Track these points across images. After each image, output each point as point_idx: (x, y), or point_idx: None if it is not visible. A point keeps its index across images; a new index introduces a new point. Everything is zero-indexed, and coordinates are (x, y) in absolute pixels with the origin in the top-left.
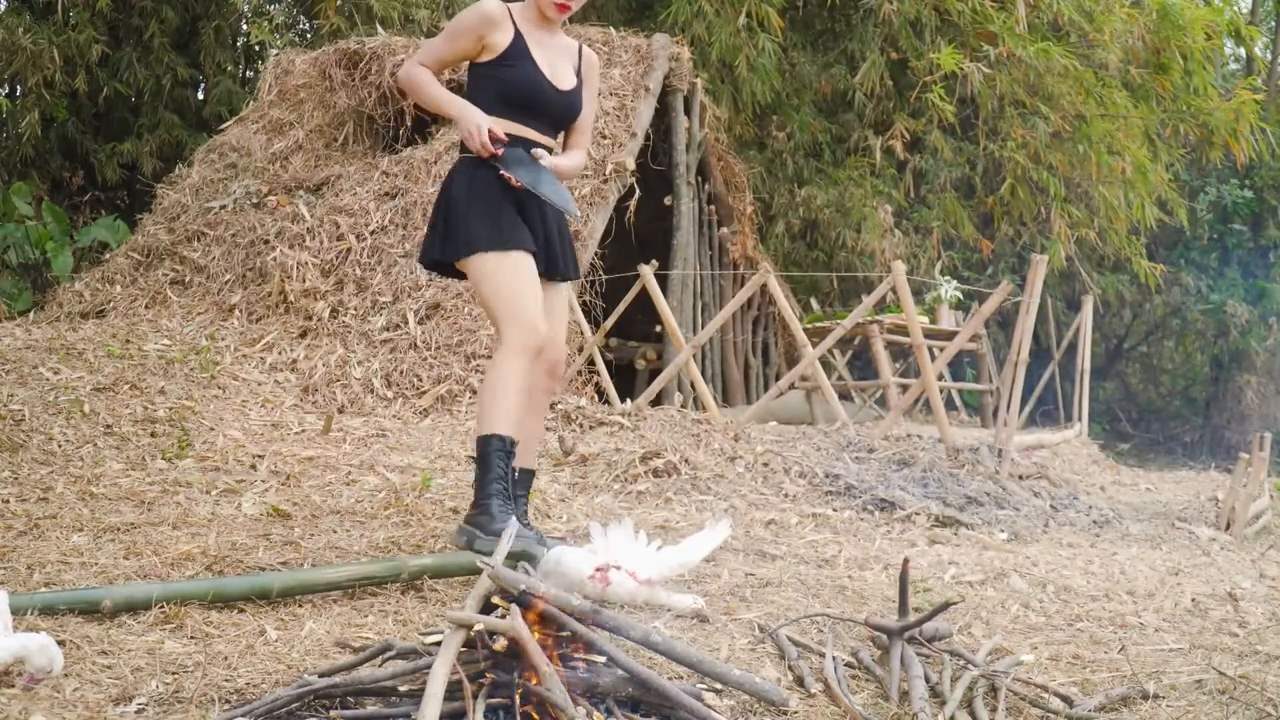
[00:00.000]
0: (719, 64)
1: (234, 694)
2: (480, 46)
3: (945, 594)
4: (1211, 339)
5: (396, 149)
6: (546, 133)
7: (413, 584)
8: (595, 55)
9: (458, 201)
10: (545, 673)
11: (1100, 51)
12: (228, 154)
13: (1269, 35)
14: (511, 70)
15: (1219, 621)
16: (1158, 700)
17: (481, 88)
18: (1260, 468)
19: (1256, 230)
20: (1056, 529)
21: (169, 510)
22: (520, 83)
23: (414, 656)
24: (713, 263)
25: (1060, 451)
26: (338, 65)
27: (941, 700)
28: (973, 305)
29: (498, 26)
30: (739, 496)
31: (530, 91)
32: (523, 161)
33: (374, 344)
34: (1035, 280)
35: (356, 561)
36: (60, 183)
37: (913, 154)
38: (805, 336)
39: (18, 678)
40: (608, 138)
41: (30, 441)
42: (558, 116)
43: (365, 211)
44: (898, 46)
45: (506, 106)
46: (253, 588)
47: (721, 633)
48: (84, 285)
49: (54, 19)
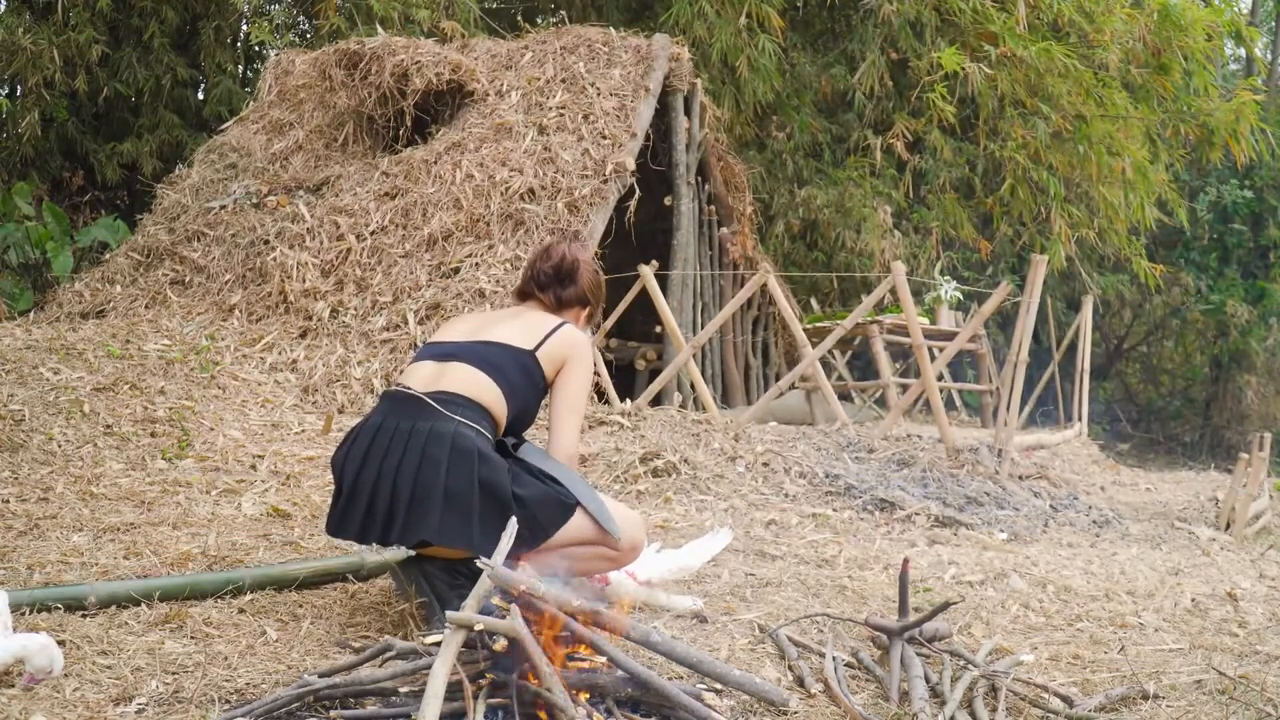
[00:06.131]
0: (719, 64)
1: (234, 694)
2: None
3: (945, 594)
4: (1211, 339)
5: (396, 149)
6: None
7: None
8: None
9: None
10: (545, 673)
11: (1100, 52)
12: (228, 154)
13: (1269, 36)
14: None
15: (1219, 621)
16: (1158, 700)
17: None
18: (1260, 468)
19: (1256, 230)
20: (1056, 529)
21: (169, 510)
22: None
23: (414, 656)
24: (713, 263)
25: (1060, 452)
26: (338, 65)
27: (941, 700)
28: (972, 305)
29: None
30: (739, 496)
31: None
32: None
33: (374, 344)
34: (1035, 280)
35: (319, 558)
36: (60, 183)
37: (913, 154)
38: (805, 336)
39: (18, 678)
40: (608, 138)
41: (30, 441)
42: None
43: (365, 211)
44: (898, 46)
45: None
46: (227, 582)
47: (721, 633)
48: (84, 285)
49: (54, 19)
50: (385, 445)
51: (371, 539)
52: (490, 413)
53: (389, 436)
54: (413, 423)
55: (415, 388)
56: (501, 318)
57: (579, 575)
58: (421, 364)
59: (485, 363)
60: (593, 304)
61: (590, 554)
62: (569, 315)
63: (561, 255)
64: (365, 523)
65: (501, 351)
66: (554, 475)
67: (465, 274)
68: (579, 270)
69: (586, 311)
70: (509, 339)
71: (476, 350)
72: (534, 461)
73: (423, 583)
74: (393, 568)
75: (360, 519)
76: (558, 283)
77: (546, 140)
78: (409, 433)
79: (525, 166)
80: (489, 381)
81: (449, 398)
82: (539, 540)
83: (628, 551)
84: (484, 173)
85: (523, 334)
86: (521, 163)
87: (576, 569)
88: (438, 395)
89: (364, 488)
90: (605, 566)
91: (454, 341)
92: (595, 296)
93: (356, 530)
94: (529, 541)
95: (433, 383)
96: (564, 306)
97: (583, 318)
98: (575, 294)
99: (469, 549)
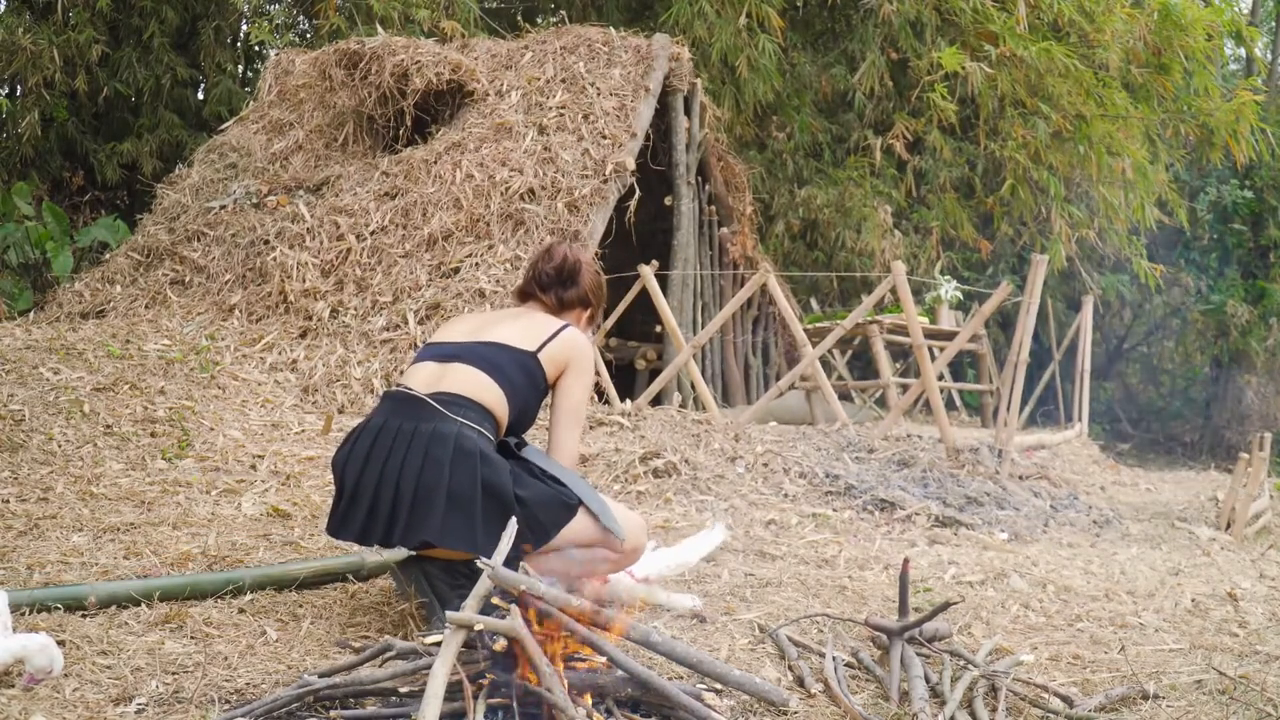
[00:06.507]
0: (719, 64)
1: (234, 694)
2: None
3: (945, 594)
4: (1211, 339)
5: (396, 149)
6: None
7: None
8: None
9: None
10: (545, 673)
11: (1101, 52)
12: (228, 154)
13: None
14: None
15: (1219, 621)
16: (1158, 700)
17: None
18: (1260, 468)
19: (1256, 230)
20: (1056, 529)
21: (169, 510)
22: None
23: (414, 656)
24: (713, 263)
25: (1060, 452)
26: (338, 65)
27: (941, 700)
28: (973, 305)
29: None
30: (739, 496)
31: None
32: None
33: (374, 344)
34: (1035, 280)
35: (319, 558)
36: (60, 183)
37: (913, 154)
38: (805, 336)
39: (18, 678)
40: (608, 138)
41: (30, 441)
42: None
43: (365, 211)
44: (898, 46)
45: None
46: (227, 582)
47: (721, 633)
48: (84, 285)
49: (54, 19)
50: (387, 446)
51: (373, 540)
52: (492, 414)
53: (391, 437)
54: (415, 424)
55: (417, 388)
56: (502, 318)
57: (581, 576)
58: (423, 364)
59: (487, 363)
60: (594, 305)
61: (592, 555)
62: (570, 316)
63: (563, 256)
64: (367, 524)
65: (503, 352)
66: (556, 476)
67: (465, 274)
68: (581, 271)
69: (588, 313)
70: (510, 339)
71: (478, 351)
72: (536, 462)
73: (423, 583)
74: (393, 568)
75: (362, 520)
76: (559, 284)
77: (546, 140)
78: (411, 434)
79: (525, 166)
80: (490, 382)
81: (451, 399)
82: (541, 541)
83: (630, 553)
84: (484, 173)
85: (525, 335)
86: (521, 163)
87: (578, 570)
88: (439, 396)
89: (366, 489)
90: (607, 568)
91: (455, 342)
92: (597, 298)
93: (358, 532)
94: (531, 542)
95: (434, 383)
96: (565, 308)
97: (584, 319)
98: (577, 295)
99: (472, 550)
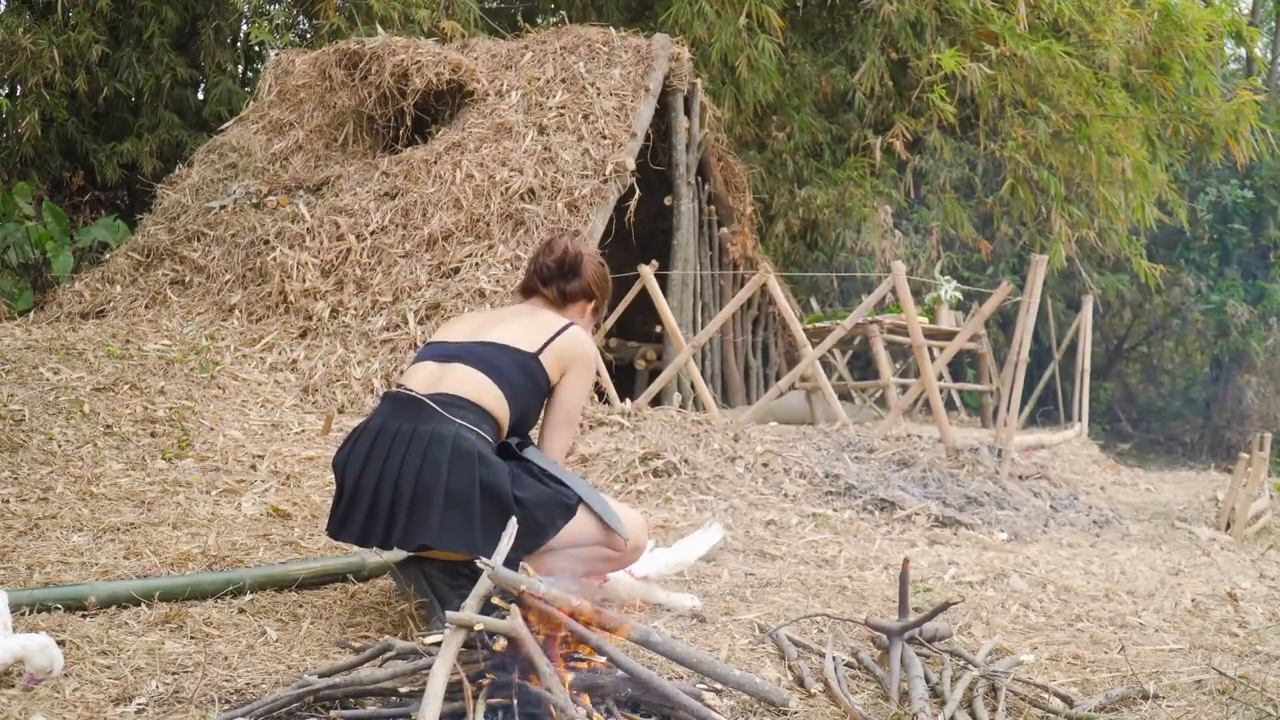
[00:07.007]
0: (719, 64)
1: (234, 694)
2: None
3: (945, 594)
4: (1211, 339)
5: (396, 149)
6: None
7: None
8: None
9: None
10: (545, 673)
11: (1101, 51)
12: (228, 154)
13: (1269, 36)
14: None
15: (1219, 621)
16: (1158, 700)
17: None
18: (1260, 468)
19: (1256, 230)
20: (1056, 529)
21: (169, 510)
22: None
23: (414, 656)
24: (713, 263)
25: (1060, 452)
26: (338, 65)
27: (941, 700)
28: (973, 305)
29: None
30: (739, 496)
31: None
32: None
33: (374, 344)
34: (1035, 280)
35: (319, 558)
36: (60, 183)
37: (913, 154)
38: (805, 336)
39: (18, 678)
40: (608, 138)
41: (30, 441)
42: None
43: (365, 211)
44: (898, 46)
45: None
46: (227, 582)
47: (721, 633)
48: (84, 285)
49: (54, 19)
50: (387, 447)
51: (373, 542)
52: (492, 415)
53: (390, 438)
54: (414, 425)
55: (416, 389)
56: (503, 317)
57: (581, 576)
58: (423, 365)
59: (487, 364)
60: (599, 297)
61: (593, 554)
62: (574, 310)
63: (564, 249)
64: (366, 525)
65: (503, 353)
66: (556, 476)
67: (465, 274)
68: (582, 263)
69: (592, 305)
70: (511, 340)
71: (478, 351)
72: (537, 463)
73: (423, 583)
74: (393, 568)
75: (362, 521)
76: (561, 276)
77: (546, 140)
78: (410, 435)
79: (525, 166)
80: (490, 383)
81: (450, 400)
82: (541, 541)
83: (631, 552)
84: (484, 173)
85: (526, 335)
86: (521, 163)
87: (579, 569)
88: (439, 397)
89: (365, 490)
90: (608, 567)
91: (455, 342)
92: (601, 290)
93: (358, 533)
94: (530, 543)
95: (434, 384)
96: (569, 301)
97: (589, 312)
98: (580, 287)
99: (470, 552)
